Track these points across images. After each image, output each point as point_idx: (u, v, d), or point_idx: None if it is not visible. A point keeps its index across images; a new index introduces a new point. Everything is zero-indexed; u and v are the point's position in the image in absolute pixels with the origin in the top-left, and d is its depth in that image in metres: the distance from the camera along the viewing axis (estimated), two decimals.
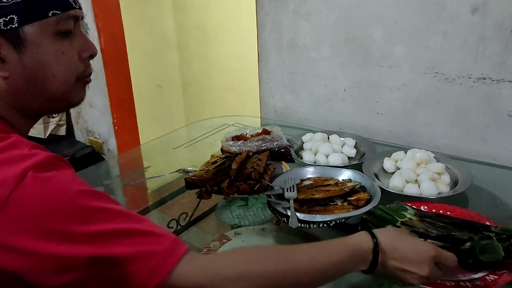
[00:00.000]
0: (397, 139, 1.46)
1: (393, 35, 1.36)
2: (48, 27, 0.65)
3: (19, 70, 0.65)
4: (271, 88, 1.73)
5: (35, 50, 0.65)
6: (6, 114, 0.68)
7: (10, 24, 0.62)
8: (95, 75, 2.45)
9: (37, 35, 0.64)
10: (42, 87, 0.68)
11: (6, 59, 0.64)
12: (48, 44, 0.66)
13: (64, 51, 0.68)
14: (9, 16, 0.61)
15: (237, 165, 1.06)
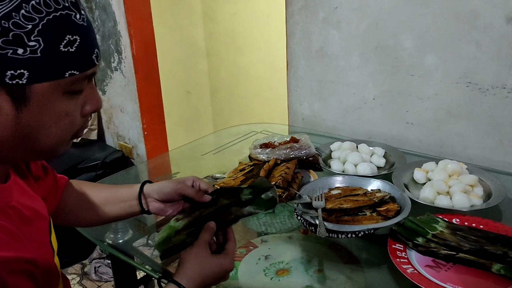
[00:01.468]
0: (427, 150, 1.43)
1: (424, 44, 1.34)
2: (59, 87, 0.57)
3: (9, 126, 0.56)
4: (300, 96, 1.73)
5: (37, 110, 0.57)
6: None
7: (18, 79, 0.53)
8: (127, 82, 2.51)
9: (44, 95, 0.56)
10: (31, 144, 0.59)
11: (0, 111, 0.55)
12: (53, 105, 0.58)
13: (68, 112, 0.60)
14: (19, 70, 0.53)
15: (265, 173, 1.06)
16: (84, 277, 2.30)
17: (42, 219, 0.72)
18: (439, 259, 0.86)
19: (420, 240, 0.88)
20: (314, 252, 1.01)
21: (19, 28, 0.53)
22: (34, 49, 0.54)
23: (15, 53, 0.53)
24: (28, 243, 0.59)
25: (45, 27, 0.54)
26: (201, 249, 0.76)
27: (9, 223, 0.57)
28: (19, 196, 0.67)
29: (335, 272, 0.94)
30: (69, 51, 0.56)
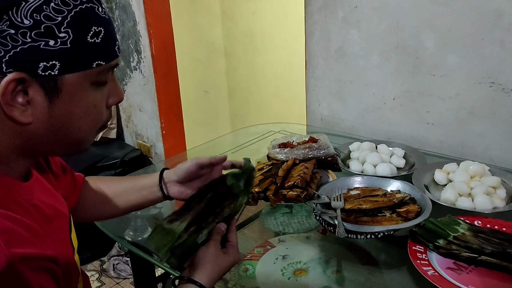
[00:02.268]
0: (448, 150, 1.41)
1: (446, 43, 1.32)
2: (87, 77, 0.59)
3: (43, 119, 0.58)
4: (318, 96, 1.72)
5: (69, 101, 0.59)
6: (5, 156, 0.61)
7: (50, 71, 0.55)
8: (146, 81, 2.53)
9: (75, 85, 0.58)
10: (63, 136, 0.61)
11: (33, 104, 0.57)
12: (83, 96, 0.60)
13: (97, 103, 0.63)
14: (51, 62, 0.55)
15: (284, 173, 1.06)
16: (103, 274, 2.33)
17: (63, 217, 0.73)
18: (461, 261, 0.85)
19: (441, 242, 0.87)
20: (332, 252, 1.00)
21: (50, 20, 0.54)
22: (64, 40, 0.56)
23: (47, 44, 0.54)
24: (49, 241, 0.60)
25: (73, 19, 0.56)
26: (217, 250, 0.79)
27: (31, 221, 0.58)
28: (40, 194, 0.68)
29: (353, 273, 0.93)
30: (95, 42, 0.59)
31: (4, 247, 0.49)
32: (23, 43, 0.54)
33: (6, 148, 0.60)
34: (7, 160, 0.61)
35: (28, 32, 0.54)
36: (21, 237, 0.52)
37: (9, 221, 0.52)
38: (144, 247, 1.06)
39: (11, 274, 0.49)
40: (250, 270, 0.94)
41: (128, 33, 2.51)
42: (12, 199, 0.59)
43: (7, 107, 0.55)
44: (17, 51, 0.54)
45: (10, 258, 0.49)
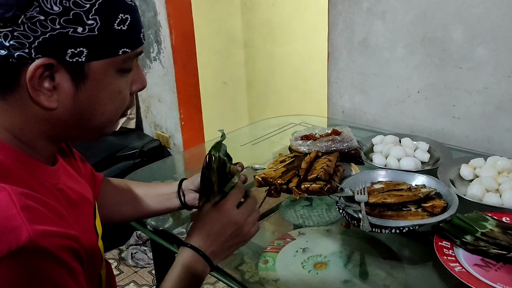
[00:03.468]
0: (474, 145, 1.38)
1: (475, 35, 1.29)
2: (113, 64, 0.60)
3: (69, 104, 0.59)
4: (340, 88, 1.70)
5: (94, 87, 0.60)
6: (31, 140, 0.61)
7: (77, 57, 0.56)
8: (165, 71, 2.54)
9: (101, 72, 0.59)
10: (86, 122, 0.63)
11: (59, 89, 0.58)
12: (108, 82, 0.61)
13: (121, 90, 0.64)
14: (79, 48, 0.56)
15: (307, 165, 1.05)
16: (121, 262, 2.35)
17: (88, 203, 0.73)
18: (489, 258, 0.83)
19: (468, 238, 0.85)
20: (352, 246, 0.99)
21: (79, 7, 0.55)
22: (92, 27, 0.56)
23: (75, 31, 0.55)
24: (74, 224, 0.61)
25: (101, 6, 0.56)
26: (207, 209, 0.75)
27: (56, 203, 0.58)
28: (66, 180, 0.69)
29: (375, 267, 0.92)
30: (122, 29, 0.59)
31: (27, 223, 0.49)
32: (52, 30, 0.54)
33: (33, 133, 0.61)
34: (34, 145, 0.62)
35: (57, 18, 0.54)
36: (44, 216, 0.53)
37: (33, 201, 0.53)
38: (165, 235, 1.06)
39: (33, 249, 0.49)
40: (270, 262, 0.94)
41: (148, 24, 2.51)
42: (38, 182, 0.60)
43: (34, 91, 0.56)
44: (46, 37, 0.54)
45: (32, 234, 0.49)
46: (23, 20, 0.53)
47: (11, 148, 0.59)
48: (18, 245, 0.48)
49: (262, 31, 3.14)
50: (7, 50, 0.54)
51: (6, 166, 0.56)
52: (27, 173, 0.59)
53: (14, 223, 0.49)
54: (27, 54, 0.54)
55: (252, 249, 1.06)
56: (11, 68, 0.55)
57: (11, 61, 0.54)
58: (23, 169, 0.59)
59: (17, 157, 0.59)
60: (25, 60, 0.55)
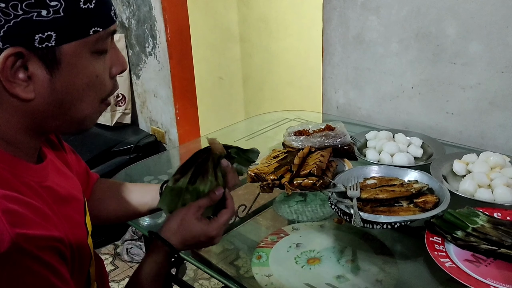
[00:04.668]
0: (468, 141, 1.38)
1: (468, 31, 1.29)
2: (86, 46, 0.58)
3: (46, 93, 0.57)
4: (335, 83, 1.70)
5: (69, 72, 0.57)
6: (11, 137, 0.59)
7: (47, 42, 0.54)
8: (161, 66, 2.53)
9: (74, 55, 0.57)
10: (67, 110, 0.60)
11: (34, 78, 0.56)
12: (84, 65, 0.59)
13: (99, 73, 0.61)
14: (47, 33, 0.54)
15: (300, 161, 1.05)
16: (116, 258, 2.36)
17: (77, 200, 0.73)
18: (479, 253, 0.84)
19: (459, 234, 0.85)
20: (346, 241, 0.99)
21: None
22: (56, 9, 0.54)
23: (40, 15, 0.53)
24: (61, 222, 0.60)
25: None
26: (188, 211, 0.77)
27: (39, 202, 0.58)
28: (55, 176, 0.68)
29: (367, 263, 0.92)
30: (89, 7, 0.56)
31: (8, 227, 0.49)
32: (15, 16, 0.52)
33: (12, 128, 0.59)
34: (14, 141, 0.60)
35: (19, 4, 0.52)
36: (26, 218, 0.52)
37: (14, 203, 0.52)
38: None
39: (16, 253, 0.49)
40: (263, 257, 0.94)
41: (143, 18, 2.50)
42: (20, 181, 0.58)
43: (9, 83, 0.55)
44: (11, 25, 0.52)
45: (14, 238, 0.49)
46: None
47: None
48: (1, 249, 0.48)
49: (258, 26, 3.13)
50: None
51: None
52: (8, 172, 0.57)
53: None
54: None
55: (248, 244, 1.07)
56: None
57: None
58: (4, 169, 0.57)
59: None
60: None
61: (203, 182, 0.78)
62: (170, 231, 0.76)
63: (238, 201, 1.23)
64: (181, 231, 0.75)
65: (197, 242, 0.77)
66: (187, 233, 0.76)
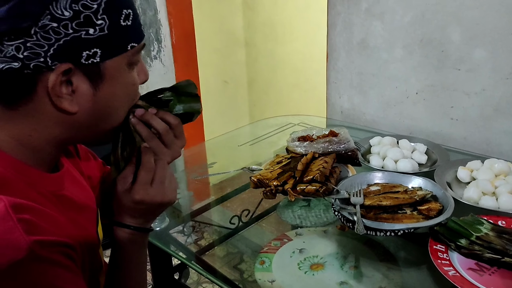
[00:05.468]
0: (472, 147, 1.38)
1: (473, 37, 1.29)
2: (124, 59, 0.62)
3: (88, 105, 0.60)
4: (339, 88, 1.70)
5: (111, 85, 0.61)
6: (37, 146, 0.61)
7: (92, 58, 0.57)
8: (166, 70, 2.54)
9: (115, 69, 0.61)
10: (104, 121, 0.64)
11: (78, 92, 0.59)
12: (123, 77, 0.63)
13: (134, 82, 0.66)
14: (93, 49, 0.57)
15: (303, 167, 1.05)
16: None
17: (91, 210, 0.74)
18: (483, 262, 0.83)
19: (463, 242, 0.85)
20: (349, 248, 0.99)
21: (88, 9, 0.56)
22: (101, 27, 0.57)
23: (88, 33, 0.56)
24: (74, 231, 0.61)
25: (107, 5, 0.57)
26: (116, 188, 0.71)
27: (54, 211, 0.59)
28: (70, 186, 0.69)
29: (371, 269, 0.92)
30: (128, 24, 0.60)
31: (24, 235, 0.50)
32: (66, 35, 0.55)
33: (41, 139, 0.61)
34: (39, 152, 0.62)
35: (69, 23, 0.55)
36: (40, 226, 0.53)
37: (30, 211, 0.53)
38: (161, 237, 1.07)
39: (33, 260, 0.50)
40: (266, 262, 0.94)
41: (149, 22, 2.51)
42: (36, 190, 0.60)
43: (57, 99, 0.57)
44: (61, 44, 0.55)
45: (31, 245, 0.50)
46: (36, 30, 0.54)
47: (10, 157, 0.59)
48: (19, 257, 0.49)
49: (263, 30, 3.14)
50: (21, 62, 0.54)
51: (4, 176, 0.56)
52: (25, 182, 0.59)
53: (12, 235, 0.50)
54: (43, 63, 0.55)
55: (251, 247, 1.07)
56: (25, 79, 0.55)
57: (26, 72, 0.55)
58: (21, 179, 0.59)
59: (15, 167, 0.59)
60: (42, 69, 0.55)
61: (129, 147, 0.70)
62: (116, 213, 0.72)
63: (242, 205, 1.23)
64: (122, 209, 0.71)
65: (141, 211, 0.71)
66: (125, 208, 0.70)
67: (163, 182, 0.70)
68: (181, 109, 0.75)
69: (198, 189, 1.40)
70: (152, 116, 0.71)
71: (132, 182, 0.70)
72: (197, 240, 1.12)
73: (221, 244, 1.10)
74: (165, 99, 0.73)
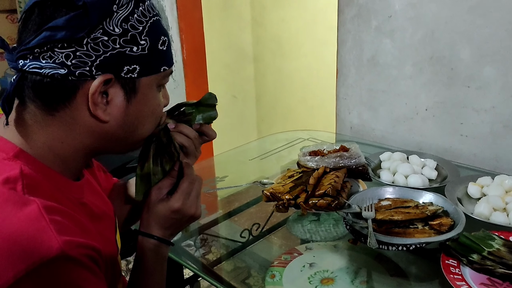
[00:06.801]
0: (482, 164, 1.38)
1: (483, 55, 1.30)
2: (156, 80, 0.66)
3: (120, 117, 0.64)
4: (349, 104, 1.72)
5: (142, 101, 0.65)
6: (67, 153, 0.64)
7: (131, 74, 0.62)
8: (176, 85, 2.57)
9: (147, 87, 0.65)
10: (130, 134, 0.67)
11: (112, 103, 0.63)
12: (152, 96, 0.67)
13: (160, 103, 0.70)
14: (133, 65, 0.62)
15: (315, 181, 1.06)
16: (128, 273, 2.36)
17: (109, 218, 0.76)
18: (495, 277, 0.83)
19: (475, 257, 0.85)
20: (359, 262, 0.99)
21: (134, 29, 0.61)
22: (143, 47, 0.63)
23: (131, 50, 0.61)
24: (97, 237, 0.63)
25: (150, 28, 0.63)
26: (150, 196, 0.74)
27: (81, 216, 0.61)
28: (90, 195, 0.71)
29: (381, 284, 0.92)
30: (163, 49, 0.66)
31: (56, 235, 0.52)
32: (113, 49, 0.60)
33: (73, 148, 0.64)
34: (67, 159, 0.65)
35: (117, 39, 0.60)
36: (70, 228, 0.56)
37: (60, 213, 0.56)
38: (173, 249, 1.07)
39: (64, 259, 0.52)
40: (277, 276, 0.94)
41: None
42: (65, 196, 0.62)
43: (94, 106, 0.61)
44: (107, 56, 0.60)
45: (62, 245, 0.52)
46: (88, 41, 0.58)
47: (39, 163, 0.61)
48: (50, 255, 0.51)
49: (271, 46, 3.18)
50: (68, 69, 0.58)
51: (36, 179, 0.59)
52: (54, 187, 0.61)
53: (44, 235, 0.52)
54: (87, 71, 0.59)
55: (259, 262, 1.07)
56: (68, 85, 0.59)
57: (70, 79, 0.59)
58: (52, 184, 0.61)
59: (44, 172, 0.61)
60: (85, 77, 0.59)
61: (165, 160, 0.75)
62: (144, 223, 0.74)
63: (251, 219, 1.24)
64: (153, 219, 0.74)
65: (173, 222, 0.74)
66: (158, 218, 0.73)
67: (199, 196, 0.77)
68: (200, 119, 0.84)
69: (208, 202, 1.41)
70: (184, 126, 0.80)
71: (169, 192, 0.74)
72: (204, 254, 1.12)
73: (230, 258, 1.11)
74: (188, 112, 0.82)
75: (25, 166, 0.58)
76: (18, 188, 0.55)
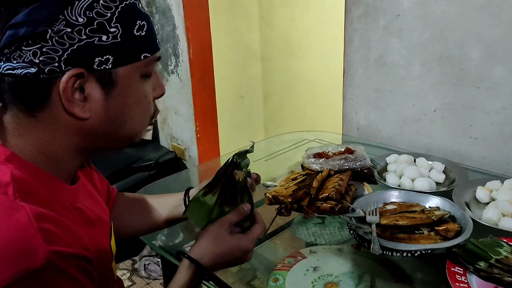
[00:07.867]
0: (491, 167, 1.35)
1: (493, 55, 1.27)
2: (137, 69, 0.63)
3: (101, 112, 0.61)
4: (355, 105, 1.69)
5: (122, 93, 0.62)
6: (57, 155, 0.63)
7: (105, 65, 0.59)
8: (183, 84, 2.56)
9: (127, 77, 0.62)
10: (118, 129, 0.65)
11: (90, 98, 0.60)
12: (135, 87, 0.64)
13: (146, 94, 0.66)
14: (105, 56, 0.58)
15: (318, 184, 1.04)
16: (134, 273, 2.36)
17: (104, 223, 0.75)
18: (503, 286, 0.81)
19: (482, 265, 0.83)
20: (364, 267, 0.97)
21: (101, 17, 0.58)
22: (115, 35, 0.59)
23: (100, 40, 0.58)
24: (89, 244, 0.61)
25: (120, 14, 0.59)
26: (221, 227, 0.77)
27: (73, 223, 0.60)
28: (85, 199, 0.70)
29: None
30: (141, 35, 0.62)
31: (43, 244, 0.51)
32: (79, 40, 0.57)
33: (61, 148, 0.63)
34: (59, 161, 0.63)
35: (83, 29, 0.57)
36: (60, 236, 0.54)
37: (50, 221, 0.54)
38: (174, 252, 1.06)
39: (50, 269, 0.51)
40: (280, 280, 0.93)
41: (166, 37, 2.55)
42: (58, 201, 0.61)
43: (68, 103, 0.58)
44: (74, 49, 0.57)
45: (49, 255, 0.51)
46: (51, 34, 0.55)
47: (33, 166, 0.60)
48: (36, 265, 0.50)
49: (279, 45, 3.16)
50: (37, 67, 0.56)
51: (28, 184, 0.58)
52: (48, 192, 0.60)
53: (32, 244, 0.51)
54: (57, 67, 0.56)
55: (264, 264, 1.06)
56: (42, 84, 0.57)
57: (42, 77, 0.56)
58: (45, 188, 0.60)
59: (37, 175, 0.60)
60: (56, 74, 0.57)
61: (229, 204, 0.80)
62: (203, 250, 0.75)
63: None
64: (216, 248, 0.75)
65: (231, 258, 0.76)
66: (222, 249, 0.75)
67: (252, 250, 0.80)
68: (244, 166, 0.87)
69: None
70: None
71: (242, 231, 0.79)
72: None
73: None
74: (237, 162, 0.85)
75: (17, 170, 0.57)
76: (9, 193, 0.54)
